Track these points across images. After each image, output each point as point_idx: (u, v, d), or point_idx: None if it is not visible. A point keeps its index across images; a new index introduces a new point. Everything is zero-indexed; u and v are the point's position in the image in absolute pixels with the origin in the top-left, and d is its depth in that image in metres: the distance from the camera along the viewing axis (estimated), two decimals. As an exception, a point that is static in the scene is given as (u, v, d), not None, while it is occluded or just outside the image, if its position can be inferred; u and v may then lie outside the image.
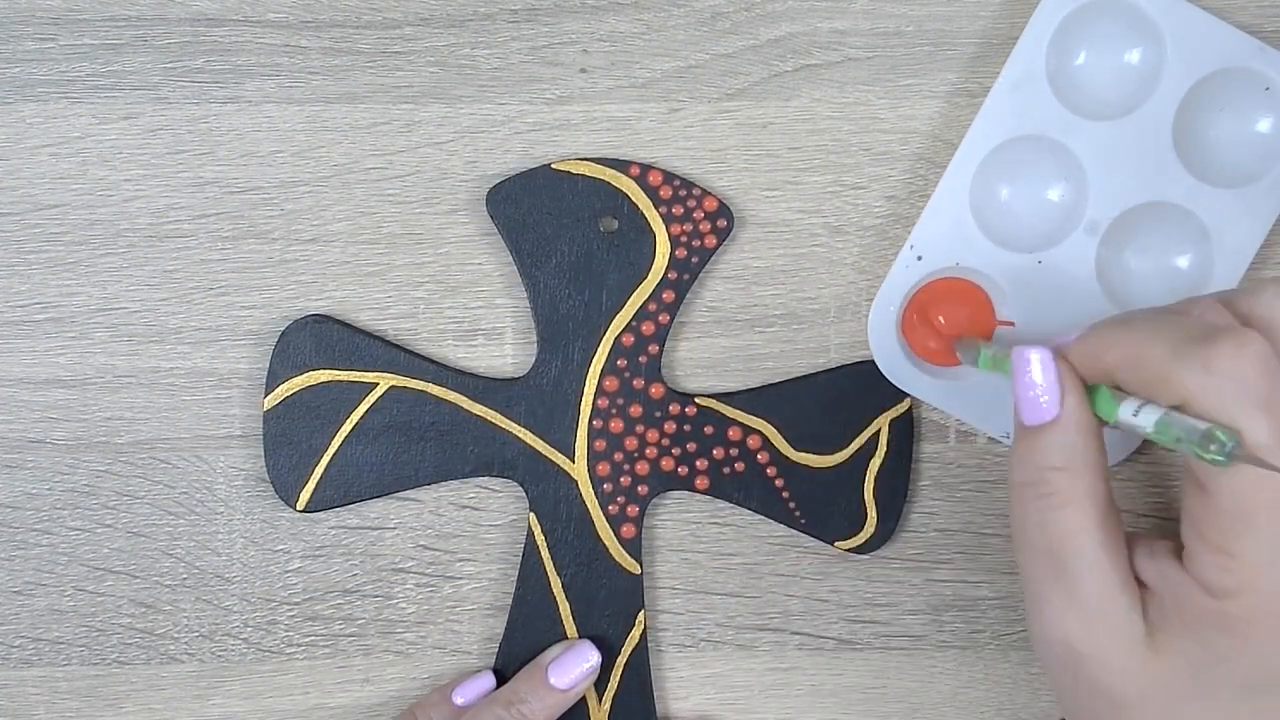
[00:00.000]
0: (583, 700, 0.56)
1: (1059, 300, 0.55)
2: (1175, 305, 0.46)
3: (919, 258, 0.55)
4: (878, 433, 0.56)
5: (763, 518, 0.56)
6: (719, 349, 0.57)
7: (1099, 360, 0.44)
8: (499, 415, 0.56)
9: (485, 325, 0.57)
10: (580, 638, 0.55)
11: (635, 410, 0.56)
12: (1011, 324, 0.56)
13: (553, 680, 0.54)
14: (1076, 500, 0.44)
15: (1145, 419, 0.42)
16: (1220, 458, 0.39)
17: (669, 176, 0.56)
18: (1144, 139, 0.55)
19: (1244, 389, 0.40)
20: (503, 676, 0.56)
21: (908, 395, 0.56)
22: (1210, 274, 0.55)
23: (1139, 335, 0.43)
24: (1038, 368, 0.45)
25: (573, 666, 0.54)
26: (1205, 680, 0.43)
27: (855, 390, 0.56)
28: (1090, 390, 0.45)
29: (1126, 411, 0.43)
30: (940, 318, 0.55)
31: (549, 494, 0.56)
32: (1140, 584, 0.44)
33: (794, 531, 0.57)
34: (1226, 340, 0.41)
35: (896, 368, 0.55)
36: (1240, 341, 0.41)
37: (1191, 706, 0.43)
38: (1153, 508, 0.57)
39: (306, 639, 0.57)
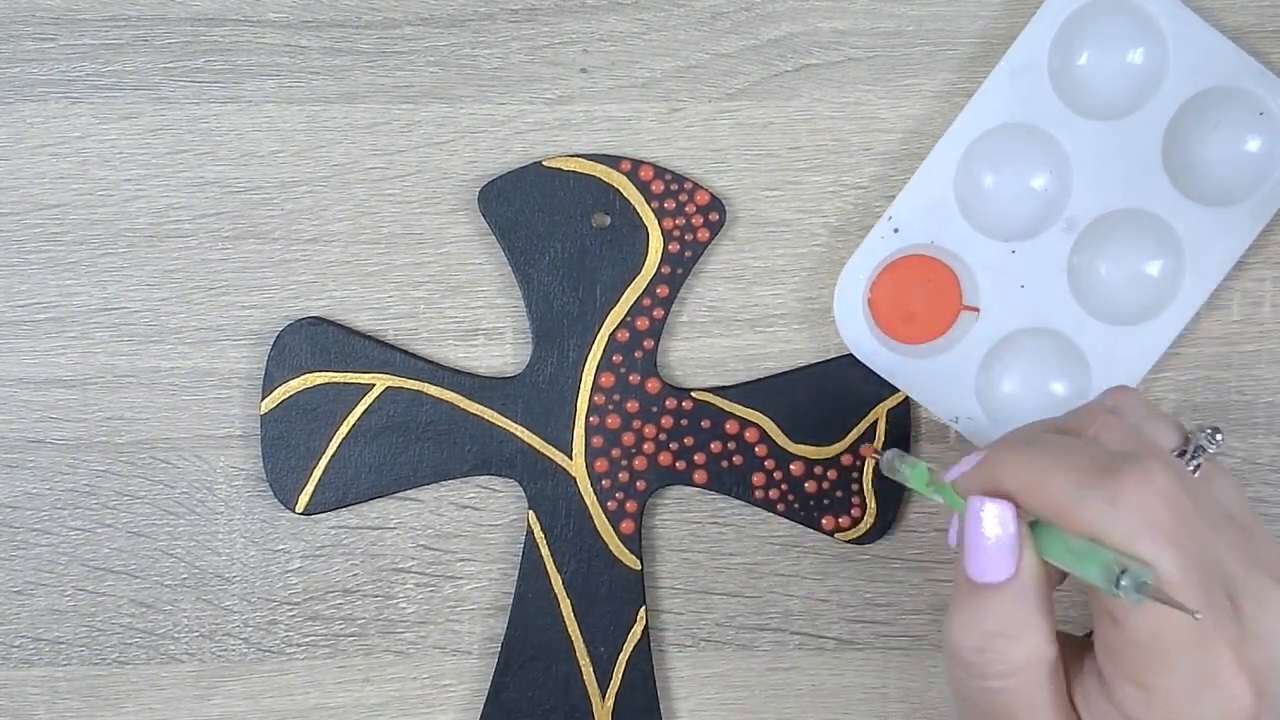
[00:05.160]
0: (585, 698, 0.56)
1: (1026, 293, 0.56)
2: (1071, 421, 0.45)
3: (895, 230, 0.56)
4: (875, 423, 0.56)
5: (763, 516, 0.56)
6: (719, 349, 0.57)
7: (999, 487, 0.42)
8: (496, 414, 0.56)
9: (485, 325, 0.57)
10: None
11: (632, 406, 0.56)
12: (976, 309, 0.56)
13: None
14: (1026, 668, 0.41)
15: (1074, 548, 0.40)
16: (1134, 594, 0.37)
17: (660, 171, 0.56)
18: (1134, 145, 0.55)
19: (1150, 523, 0.38)
20: (504, 675, 0.56)
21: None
22: (1178, 286, 0.55)
23: (1041, 463, 0.41)
24: (993, 522, 0.41)
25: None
26: None
27: (852, 381, 0.56)
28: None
29: (1058, 541, 0.41)
30: (907, 292, 0.56)
31: (547, 491, 0.56)
32: (1077, 716, 0.42)
33: (794, 531, 0.57)
34: (1130, 473, 0.39)
35: (858, 335, 0.56)
36: (1144, 474, 0.39)
37: None
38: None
39: (306, 639, 0.57)
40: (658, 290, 0.56)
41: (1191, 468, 0.44)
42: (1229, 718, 0.39)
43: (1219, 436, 0.44)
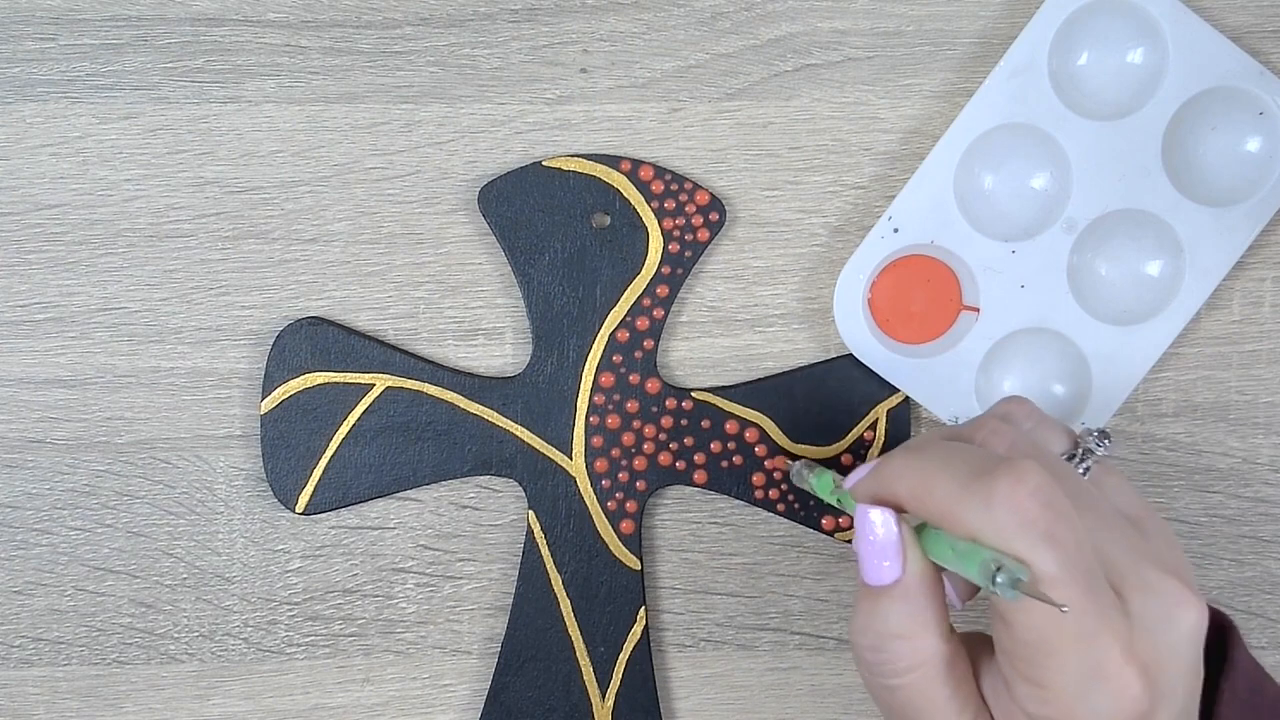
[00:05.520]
0: (585, 698, 0.56)
1: (1026, 293, 0.56)
2: (964, 429, 0.46)
3: (895, 230, 0.56)
4: (875, 423, 0.56)
5: (763, 516, 0.56)
6: (719, 349, 0.57)
7: (889, 492, 0.43)
8: (496, 414, 0.56)
9: (485, 325, 0.57)
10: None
11: (632, 406, 0.56)
12: (976, 309, 0.56)
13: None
14: (919, 666, 0.43)
15: (956, 549, 0.41)
16: (1009, 591, 0.38)
17: (660, 171, 0.56)
18: (1133, 145, 0.55)
19: (1024, 523, 0.39)
20: (504, 675, 0.56)
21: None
22: (1178, 286, 0.55)
23: (925, 469, 0.42)
24: (880, 528, 0.43)
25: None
26: None
27: (851, 381, 0.56)
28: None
29: (942, 543, 0.42)
30: (907, 292, 0.56)
31: (547, 491, 0.56)
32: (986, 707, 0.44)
33: (794, 531, 0.57)
34: (1004, 475, 0.40)
35: (857, 335, 0.56)
36: (1017, 475, 0.40)
37: None
38: (1152, 507, 0.57)
39: (306, 639, 0.57)
40: (658, 290, 0.56)
41: (1081, 470, 0.46)
42: (1122, 709, 0.40)
43: (1107, 440, 0.46)
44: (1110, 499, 0.44)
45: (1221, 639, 0.45)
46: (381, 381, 0.56)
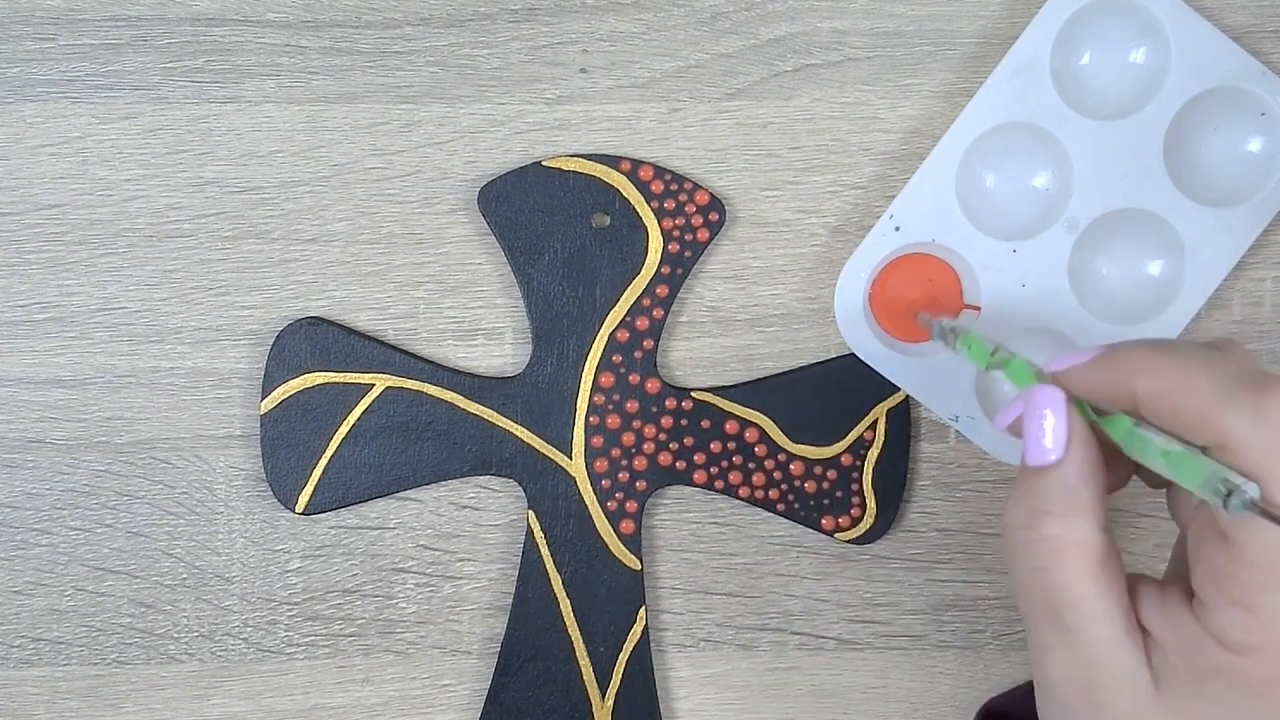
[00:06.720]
0: (585, 698, 0.56)
1: (1027, 292, 0.56)
2: (1213, 343, 0.44)
3: (897, 228, 0.56)
4: (875, 423, 0.56)
5: (763, 516, 0.56)
6: (719, 349, 0.57)
7: (1124, 385, 0.42)
8: (496, 414, 0.56)
9: (485, 325, 0.57)
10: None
11: (632, 406, 0.56)
12: (977, 309, 0.56)
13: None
14: (1071, 547, 0.42)
15: (1170, 456, 0.40)
16: (1240, 507, 0.37)
17: (660, 171, 0.56)
18: (1135, 145, 0.55)
19: None
20: (504, 675, 0.56)
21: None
22: (1179, 287, 0.55)
23: (1184, 367, 0.41)
24: (1050, 409, 0.43)
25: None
26: None
27: (851, 381, 0.56)
28: (1108, 421, 0.43)
29: (1152, 446, 0.41)
30: (907, 291, 0.56)
31: (547, 491, 0.56)
32: (1145, 631, 0.42)
33: (794, 531, 0.56)
34: (1278, 389, 0.39)
35: (858, 334, 0.56)
36: None
37: None
38: (1153, 507, 0.57)
39: (306, 639, 0.57)
40: (657, 290, 0.56)
41: None
42: None
43: None
44: None
45: None
46: (381, 381, 0.56)
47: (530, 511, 0.56)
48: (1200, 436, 0.40)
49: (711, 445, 0.56)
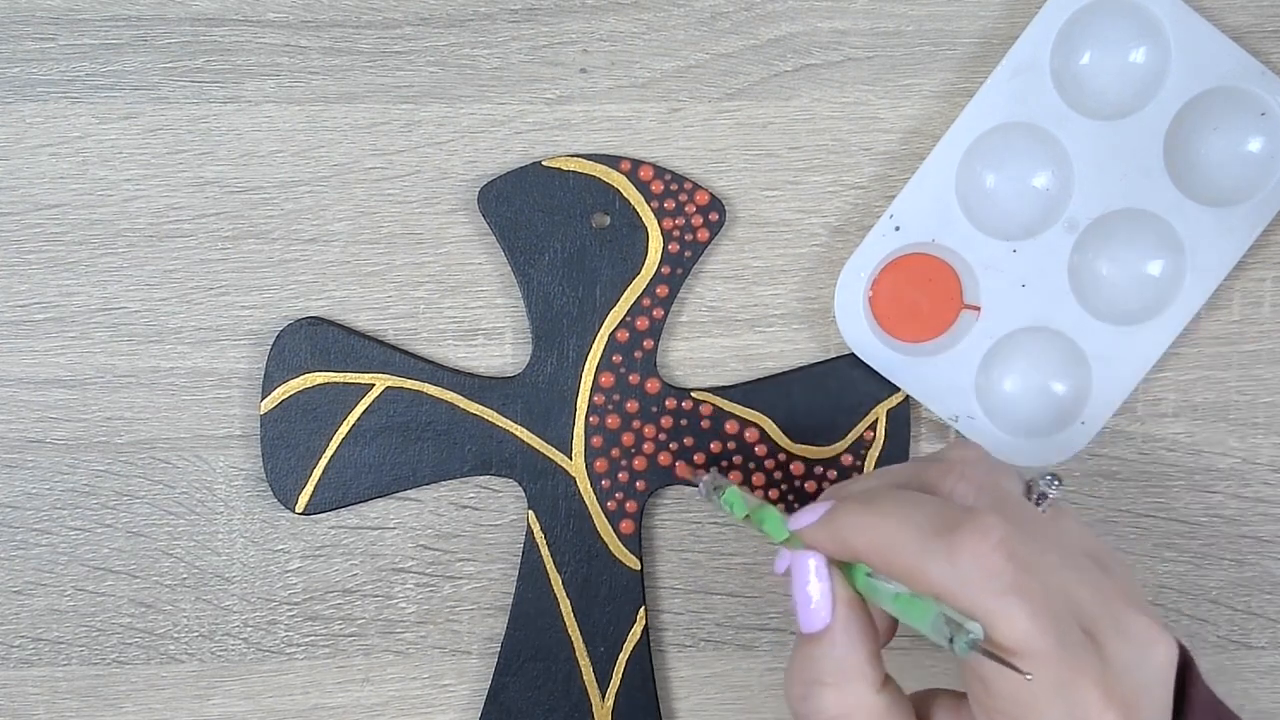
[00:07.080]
0: (585, 698, 0.56)
1: (1027, 292, 0.56)
2: (921, 472, 0.45)
3: (897, 228, 0.56)
4: (875, 422, 0.56)
5: (763, 517, 0.56)
6: (719, 349, 0.57)
7: (846, 545, 0.43)
8: (496, 414, 0.56)
9: (485, 325, 0.57)
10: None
11: (632, 406, 0.56)
12: (977, 308, 0.56)
13: None
14: (847, 716, 0.42)
15: (900, 601, 0.41)
16: (964, 649, 0.38)
17: (660, 171, 0.56)
18: (1135, 145, 0.55)
19: (990, 577, 0.39)
20: (504, 675, 0.56)
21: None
22: (1179, 286, 0.55)
23: (885, 525, 0.42)
24: (814, 576, 0.43)
25: None
26: None
27: (852, 381, 0.56)
28: (847, 569, 0.43)
29: (885, 593, 0.42)
30: (908, 291, 0.56)
31: (547, 491, 0.56)
32: None
33: (794, 531, 0.57)
34: (968, 530, 0.40)
35: (858, 334, 0.56)
36: (981, 530, 0.40)
37: None
38: (1153, 507, 0.57)
39: (306, 639, 0.57)
40: (657, 290, 0.56)
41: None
42: None
43: (1059, 483, 0.45)
44: (1070, 540, 0.44)
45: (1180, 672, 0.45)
46: (381, 381, 0.56)
47: (530, 511, 0.56)
48: (916, 587, 0.41)
49: (711, 445, 0.56)
